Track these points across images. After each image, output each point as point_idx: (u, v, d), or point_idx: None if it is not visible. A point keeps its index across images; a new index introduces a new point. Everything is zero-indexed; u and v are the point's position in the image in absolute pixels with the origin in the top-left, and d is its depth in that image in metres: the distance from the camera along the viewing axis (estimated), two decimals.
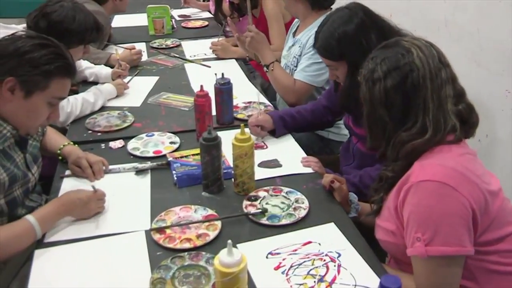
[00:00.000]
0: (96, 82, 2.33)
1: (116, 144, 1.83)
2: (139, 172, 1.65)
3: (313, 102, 2.01)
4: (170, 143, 1.81)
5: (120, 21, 3.46)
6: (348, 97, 1.63)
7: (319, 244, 1.31)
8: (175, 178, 1.58)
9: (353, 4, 1.65)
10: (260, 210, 1.42)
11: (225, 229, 1.37)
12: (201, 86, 1.80)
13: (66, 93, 1.47)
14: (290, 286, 1.18)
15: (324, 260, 1.25)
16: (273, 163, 1.70)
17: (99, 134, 1.90)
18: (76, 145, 1.73)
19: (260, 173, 1.60)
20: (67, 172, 1.64)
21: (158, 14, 3.13)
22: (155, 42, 2.99)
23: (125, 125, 1.96)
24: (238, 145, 1.46)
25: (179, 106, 2.15)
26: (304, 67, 2.11)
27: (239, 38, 2.31)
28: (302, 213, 1.42)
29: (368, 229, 1.38)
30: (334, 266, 1.23)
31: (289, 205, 1.46)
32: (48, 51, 1.37)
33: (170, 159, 1.68)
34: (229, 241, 1.03)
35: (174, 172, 1.60)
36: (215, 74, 1.94)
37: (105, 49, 2.77)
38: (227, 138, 1.52)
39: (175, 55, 2.80)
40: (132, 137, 1.85)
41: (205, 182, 1.53)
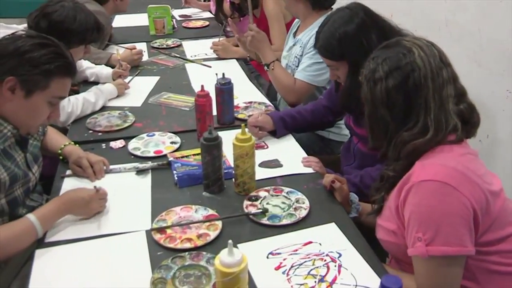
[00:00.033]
0: (97, 82, 2.33)
1: (117, 144, 1.83)
2: (140, 172, 1.65)
3: (314, 102, 2.01)
4: (171, 143, 1.81)
5: (121, 21, 3.46)
6: (349, 97, 1.63)
7: (320, 244, 1.31)
8: (176, 178, 1.58)
9: (354, 4, 1.64)
10: (261, 210, 1.42)
11: (226, 229, 1.37)
12: (202, 86, 1.80)
13: (67, 93, 1.47)
14: (291, 286, 1.18)
15: (325, 260, 1.25)
16: (274, 163, 1.70)
17: (100, 134, 1.90)
18: (77, 145, 1.73)
19: (261, 173, 1.60)
20: (68, 172, 1.64)
21: (159, 14, 3.13)
22: (156, 42, 3.00)
23: (126, 125, 1.96)
24: (239, 145, 1.46)
25: (180, 106, 2.15)
26: (305, 67, 2.11)
27: (240, 39, 2.31)
28: (303, 213, 1.42)
29: (369, 229, 1.38)
30: (335, 266, 1.23)
31: (290, 205, 1.46)
32: (48, 51, 1.37)
33: (171, 159, 1.68)
34: (230, 241, 1.03)
35: (175, 172, 1.60)
36: (216, 74, 1.94)
37: (106, 49, 2.78)
38: (228, 138, 1.52)
39: (176, 55, 2.80)
40: (133, 137, 1.85)
41: (206, 182, 1.53)
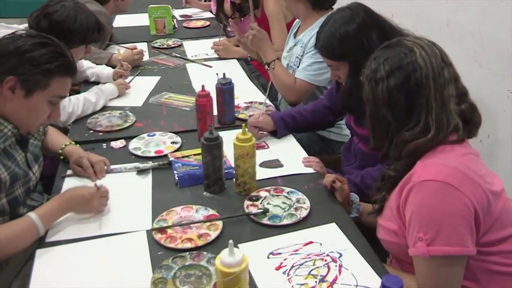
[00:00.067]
0: (98, 82, 2.33)
1: (118, 144, 1.83)
2: (141, 172, 1.65)
3: (314, 102, 2.01)
4: (172, 143, 1.81)
5: (122, 21, 3.46)
6: (350, 97, 1.63)
7: (321, 244, 1.31)
8: (177, 178, 1.58)
9: (355, 4, 1.64)
10: (262, 210, 1.42)
11: (227, 229, 1.37)
12: (203, 86, 1.80)
13: (67, 92, 1.47)
14: (292, 286, 1.17)
15: (326, 260, 1.25)
16: (275, 163, 1.70)
17: (101, 134, 1.90)
18: (78, 145, 1.73)
19: (262, 173, 1.60)
20: (69, 172, 1.64)
21: (160, 14, 3.13)
22: (157, 42, 3.00)
23: (127, 125, 1.96)
24: (240, 145, 1.46)
25: (181, 106, 2.15)
26: (306, 66, 2.11)
27: (240, 40, 2.31)
28: (304, 213, 1.42)
29: (370, 229, 1.37)
30: (336, 266, 1.23)
31: (291, 205, 1.46)
32: (49, 50, 1.37)
33: (172, 159, 1.68)
34: (231, 241, 1.03)
35: (176, 172, 1.60)
36: (217, 74, 1.94)
37: (107, 49, 2.78)
38: (229, 138, 1.52)
39: (177, 55, 2.80)
40: (134, 137, 1.85)
41: (207, 182, 1.53)
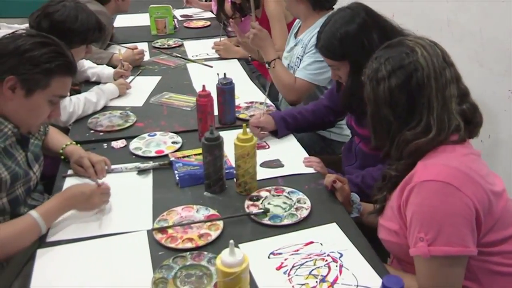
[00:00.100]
0: (99, 82, 2.34)
1: (118, 144, 1.83)
2: (141, 172, 1.65)
3: (315, 102, 2.01)
4: (172, 143, 1.81)
5: (122, 21, 3.46)
6: (351, 97, 1.63)
7: (321, 244, 1.31)
8: (177, 178, 1.58)
9: (355, 4, 1.64)
10: (262, 210, 1.42)
11: (227, 229, 1.36)
12: (203, 86, 1.80)
13: (67, 91, 1.47)
14: (292, 286, 1.17)
15: (326, 260, 1.25)
16: (275, 163, 1.70)
17: (101, 134, 1.90)
18: (79, 145, 1.73)
19: (262, 173, 1.60)
20: (69, 172, 1.64)
21: (160, 14, 3.13)
22: (157, 42, 3.00)
23: (127, 125, 1.96)
24: (240, 145, 1.46)
25: (181, 106, 2.15)
26: (306, 65, 2.11)
27: (241, 42, 2.31)
28: (304, 213, 1.42)
29: (370, 229, 1.37)
30: (336, 267, 1.23)
31: (291, 205, 1.46)
32: (49, 50, 1.37)
33: (172, 159, 1.68)
34: (231, 241, 1.03)
35: (176, 172, 1.60)
36: (217, 74, 1.94)
37: (108, 49, 2.78)
38: (229, 138, 1.52)
39: (177, 55, 2.80)
40: (134, 137, 1.85)
41: (207, 182, 1.53)
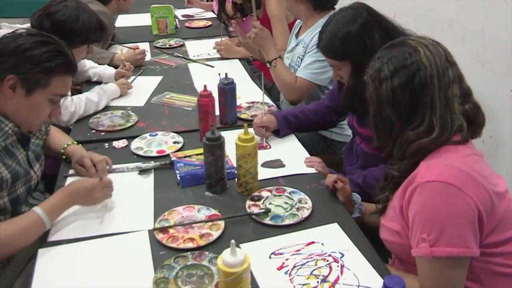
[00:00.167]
0: (100, 82, 2.34)
1: (120, 144, 1.83)
2: (143, 172, 1.65)
3: (316, 102, 2.01)
4: (174, 143, 1.81)
5: (124, 21, 3.47)
6: (352, 97, 1.63)
7: (322, 245, 1.31)
8: (179, 178, 1.58)
9: (357, 4, 1.64)
10: (263, 210, 1.42)
11: (228, 229, 1.36)
12: (205, 86, 1.80)
13: (68, 90, 1.47)
14: (293, 286, 1.17)
15: (327, 261, 1.25)
16: (276, 163, 1.70)
17: (103, 134, 1.91)
18: (80, 145, 1.73)
19: (263, 173, 1.60)
20: (71, 171, 1.64)
21: (162, 14, 3.14)
22: (159, 42, 3.00)
23: (129, 125, 1.96)
24: (242, 145, 1.46)
25: (183, 106, 2.15)
26: (307, 65, 2.11)
27: (243, 42, 2.31)
28: (305, 213, 1.41)
29: (371, 230, 1.37)
30: (337, 267, 1.23)
31: (292, 205, 1.46)
32: (49, 48, 1.37)
33: (174, 159, 1.68)
34: (232, 241, 1.03)
35: (178, 172, 1.60)
36: (219, 74, 1.94)
37: (109, 49, 2.78)
38: (231, 138, 1.52)
39: (179, 55, 2.80)
40: (136, 137, 1.85)
41: (209, 182, 1.53)
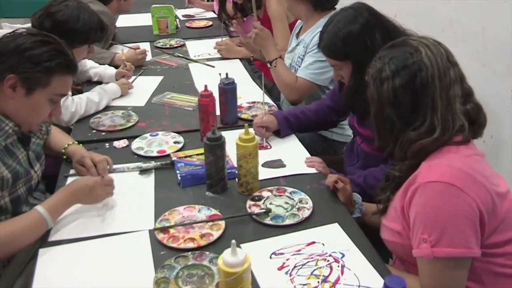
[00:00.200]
0: (101, 82, 2.34)
1: (120, 144, 1.83)
2: (143, 172, 1.65)
3: (317, 102, 2.01)
4: (174, 143, 1.81)
5: (125, 21, 3.47)
6: (353, 97, 1.63)
7: (323, 245, 1.31)
8: (179, 178, 1.58)
9: (358, 4, 1.64)
10: (264, 210, 1.42)
11: (229, 229, 1.36)
12: (205, 86, 1.80)
13: (68, 90, 1.47)
14: (294, 286, 1.17)
15: (328, 261, 1.25)
16: (277, 163, 1.70)
17: (104, 134, 1.91)
18: (81, 145, 1.73)
19: (264, 173, 1.60)
20: (72, 171, 1.64)
21: (163, 14, 3.14)
22: (159, 42, 3.00)
23: (129, 125, 1.96)
24: (242, 145, 1.46)
25: (183, 106, 2.15)
26: (307, 65, 2.11)
27: (243, 42, 2.31)
28: (306, 213, 1.41)
29: (372, 230, 1.37)
30: (338, 267, 1.23)
31: (293, 205, 1.45)
32: (49, 48, 1.37)
33: (174, 159, 1.68)
34: (233, 241, 1.03)
35: (178, 172, 1.60)
36: (219, 74, 1.94)
37: (110, 49, 2.78)
38: (231, 138, 1.52)
39: (179, 55, 2.80)
40: (136, 137, 1.86)
41: (209, 182, 1.53)
